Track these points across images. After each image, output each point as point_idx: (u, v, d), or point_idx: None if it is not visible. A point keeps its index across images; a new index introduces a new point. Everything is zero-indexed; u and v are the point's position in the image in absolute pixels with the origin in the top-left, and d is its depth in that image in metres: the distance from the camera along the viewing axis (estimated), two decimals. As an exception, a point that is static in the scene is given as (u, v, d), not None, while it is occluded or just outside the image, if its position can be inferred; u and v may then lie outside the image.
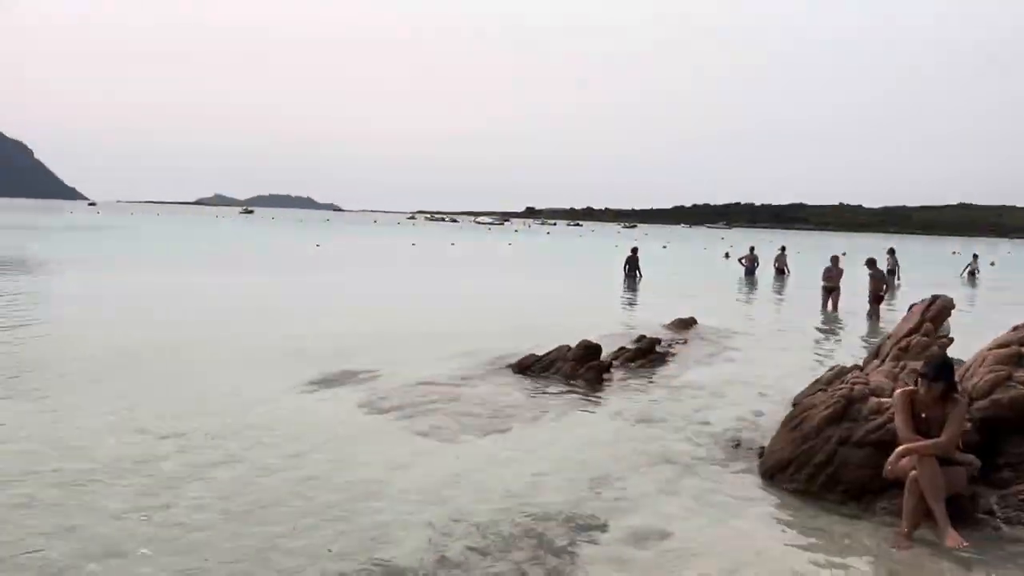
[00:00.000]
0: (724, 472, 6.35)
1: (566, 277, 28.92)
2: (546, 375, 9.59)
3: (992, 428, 5.97)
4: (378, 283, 23.18)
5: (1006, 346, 6.32)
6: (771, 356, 11.98)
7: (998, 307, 22.35)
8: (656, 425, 7.71)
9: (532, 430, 7.43)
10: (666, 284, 25.49)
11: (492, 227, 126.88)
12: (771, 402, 8.73)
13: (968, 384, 6.25)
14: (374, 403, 8.15)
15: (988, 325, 13.98)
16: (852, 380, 6.67)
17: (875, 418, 5.82)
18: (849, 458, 5.70)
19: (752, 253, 29.83)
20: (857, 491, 5.59)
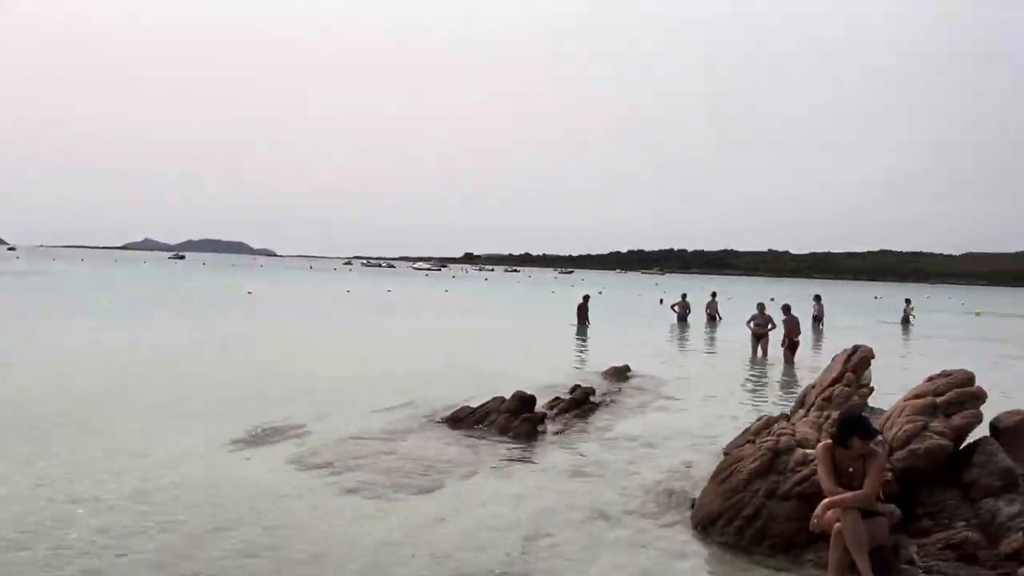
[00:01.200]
0: (656, 526, 6.35)
1: (503, 325, 28.93)
2: (480, 428, 9.51)
3: (910, 478, 6.15)
4: (309, 331, 22.76)
5: (922, 396, 6.55)
6: (702, 404, 12.15)
7: (931, 351, 23.26)
8: (589, 479, 7.69)
9: (465, 487, 7.32)
10: (601, 331, 25.73)
11: (430, 272, 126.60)
12: (702, 452, 8.83)
13: (888, 435, 6.44)
14: (303, 459, 7.93)
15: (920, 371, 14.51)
16: (778, 431, 6.81)
17: (800, 470, 5.93)
18: (776, 511, 5.78)
19: (684, 300, 30.43)
20: (785, 544, 5.66)
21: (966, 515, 5.84)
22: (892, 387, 10.48)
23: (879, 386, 8.73)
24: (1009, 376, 17.66)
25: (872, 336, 28.25)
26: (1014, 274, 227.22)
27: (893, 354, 21.50)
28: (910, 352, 23.37)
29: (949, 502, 5.97)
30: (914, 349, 24.73)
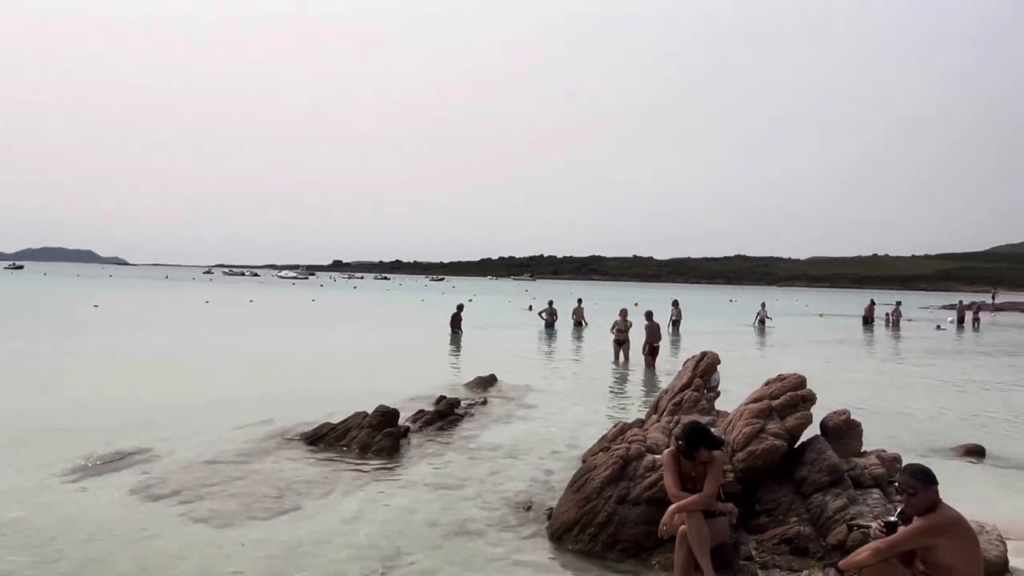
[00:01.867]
0: (516, 538, 6.43)
1: (370, 336, 28.48)
2: (341, 445, 9.31)
3: (749, 478, 6.54)
4: (160, 347, 21.55)
5: (759, 400, 6.97)
6: (566, 411, 12.41)
7: (782, 352, 24.77)
8: (451, 492, 7.69)
9: (322, 508, 7.14)
10: (471, 339, 25.84)
11: (296, 281, 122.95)
12: (563, 460, 9.02)
13: (729, 437, 6.82)
14: (148, 489, 7.49)
15: (773, 372, 15.37)
16: (630, 438, 7.06)
17: (649, 475, 6.18)
18: (627, 516, 5.99)
19: (551, 307, 31.07)
20: (635, 548, 5.88)
21: (799, 510, 6.27)
22: (748, 388, 11.10)
23: (738, 388, 9.21)
24: (845, 375, 19.10)
25: (730, 339, 29.87)
26: (852, 276, 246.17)
27: (751, 356, 22.80)
28: (764, 354, 24.83)
29: (784, 499, 6.39)
30: (768, 350, 26.30)
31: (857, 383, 17.21)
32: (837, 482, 6.36)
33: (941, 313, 58.20)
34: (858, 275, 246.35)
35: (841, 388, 15.74)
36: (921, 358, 25.10)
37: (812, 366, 20.20)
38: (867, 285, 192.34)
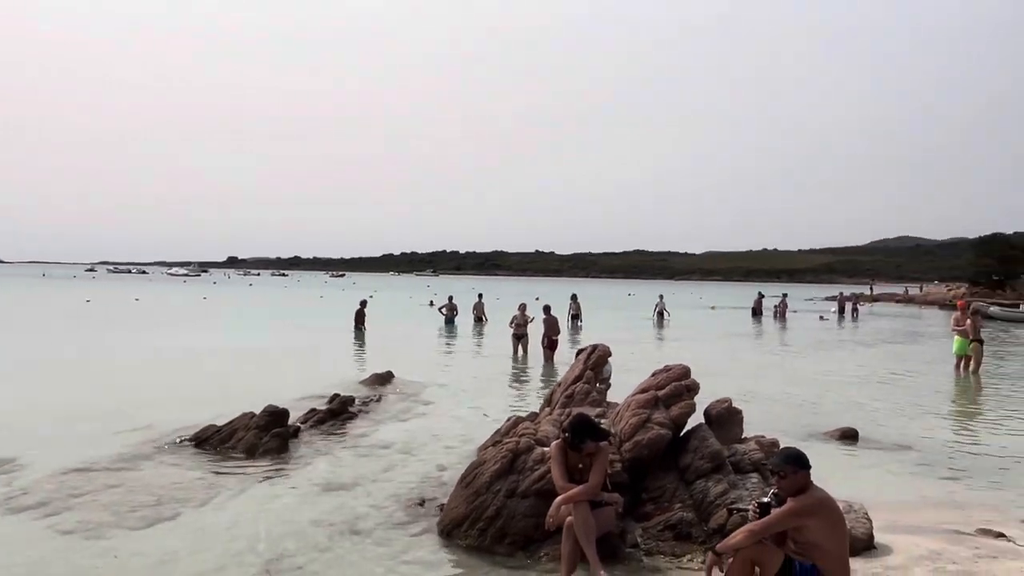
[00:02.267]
0: (405, 536, 6.34)
1: (263, 333, 27.65)
2: (226, 448, 8.96)
3: (637, 467, 6.67)
4: (32, 349, 20.26)
5: (646, 391, 7.12)
6: (462, 407, 12.39)
7: (679, 344, 25.47)
8: (341, 492, 7.53)
9: (204, 513, 6.86)
10: (371, 335, 25.46)
11: (188, 278, 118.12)
12: (458, 455, 8.98)
13: (617, 428, 6.93)
14: (10, 501, 7.01)
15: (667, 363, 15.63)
16: (521, 432, 7.08)
17: (538, 468, 6.20)
18: (516, 509, 6.00)
19: (451, 302, 30.98)
20: (524, 541, 5.89)
21: (683, 497, 6.44)
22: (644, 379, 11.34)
23: (636, 379, 9.36)
24: (733, 364, 19.84)
25: (629, 331, 30.58)
26: (744, 270, 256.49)
27: (648, 347, 23.36)
28: (660, 345, 25.51)
29: (669, 486, 6.55)
30: (664, 342, 27.05)
31: (744, 372, 17.91)
32: (719, 468, 6.56)
33: (824, 304, 61.35)
34: (749, 269, 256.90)
35: (729, 377, 16.32)
36: (804, 347, 26.39)
37: (703, 356, 20.89)
38: (758, 278, 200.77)
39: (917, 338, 31.28)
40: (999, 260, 70.53)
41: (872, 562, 5.51)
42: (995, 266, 70.16)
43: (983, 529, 6.49)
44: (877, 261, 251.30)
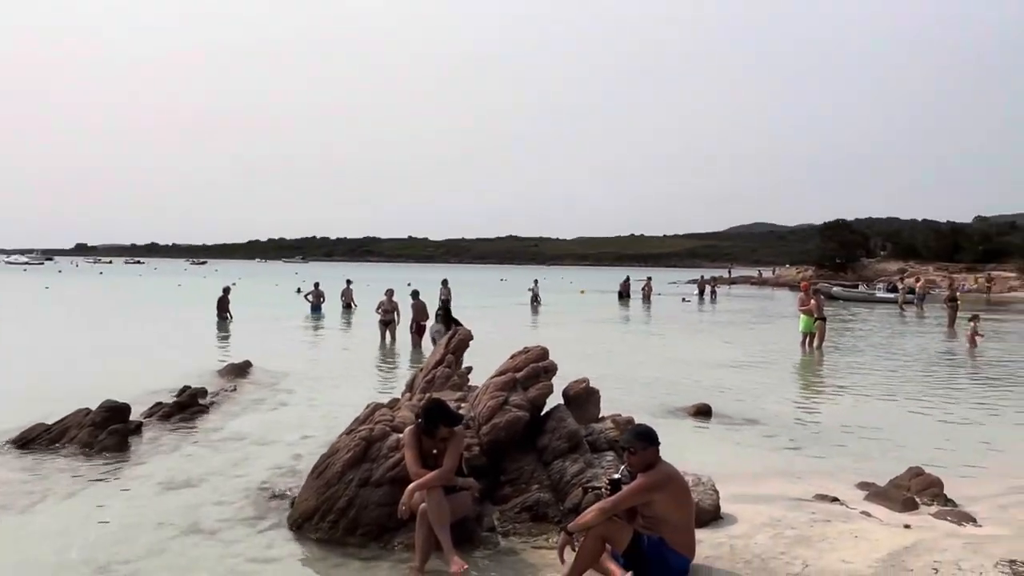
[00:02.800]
0: (252, 533, 6.01)
1: (111, 324, 25.89)
2: (57, 447, 8.24)
3: (495, 450, 6.62)
4: None
5: (504, 373, 7.07)
6: (324, 395, 12.01)
7: (546, 326, 25.75)
8: (185, 490, 7.07)
9: (26, 521, 6.25)
10: (232, 324, 24.32)
11: (29, 266, 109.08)
12: (317, 445, 8.63)
13: (476, 411, 6.85)
14: None
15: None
16: (377, 419, 6.87)
17: (392, 455, 6.02)
18: (369, 499, 5.80)
19: (317, 289, 30.08)
20: (377, 531, 5.71)
21: (540, 478, 6.44)
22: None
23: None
24: (599, 346, 20.30)
25: (501, 315, 30.75)
26: (614, 255, 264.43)
27: (517, 331, 23.50)
28: (529, 329, 25.77)
29: (527, 467, 6.53)
30: (533, 326, 27.35)
31: (608, 353, 18.37)
32: (575, 448, 6.61)
33: (686, 287, 64.06)
34: (618, 254, 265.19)
35: (593, 358, 16.68)
36: (666, 329, 27.43)
37: (570, 338, 21.29)
38: (626, 263, 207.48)
39: (768, 317, 33.19)
40: (841, 244, 76.11)
41: (718, 532, 5.69)
42: (838, 250, 75.64)
43: (820, 495, 6.87)
44: (736, 246, 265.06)
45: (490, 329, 23.52)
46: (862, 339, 23.63)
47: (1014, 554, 4.99)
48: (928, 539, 5.40)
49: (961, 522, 5.98)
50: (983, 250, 72.54)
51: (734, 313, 36.29)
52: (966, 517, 6.06)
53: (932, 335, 25.03)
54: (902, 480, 7.04)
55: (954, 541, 5.34)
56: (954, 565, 4.83)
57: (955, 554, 5.04)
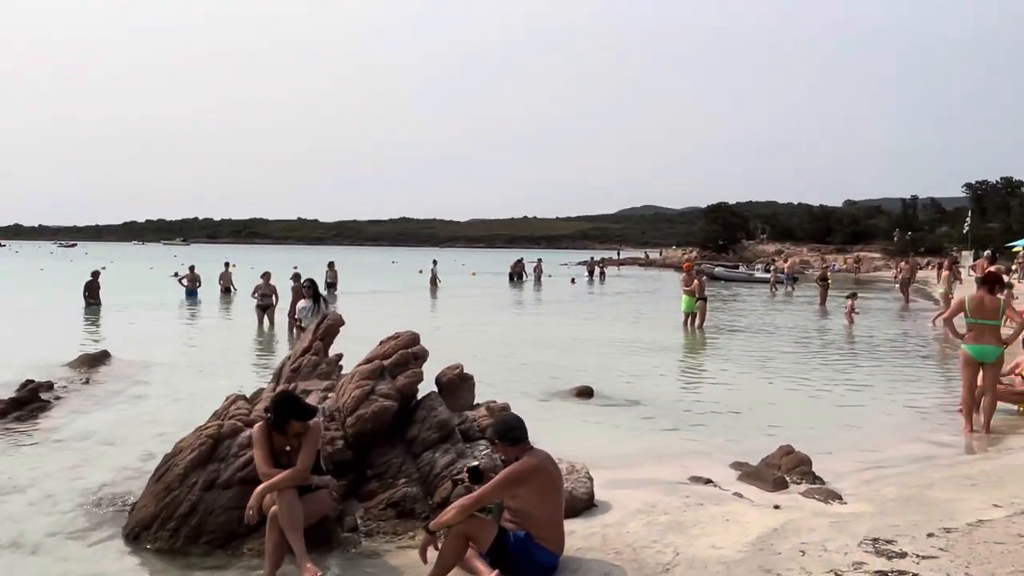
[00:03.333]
0: (81, 546, 5.38)
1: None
2: None
3: (361, 443, 6.20)
4: None
5: (371, 360, 6.66)
6: (187, 387, 11.20)
7: (435, 310, 25.25)
8: (8, 498, 6.31)
9: None
10: (100, 311, 22.66)
11: None
12: (171, 443, 7.94)
13: (340, 402, 6.41)
14: None
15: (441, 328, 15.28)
16: (232, 413, 6.33)
17: (244, 453, 5.52)
18: (215, 503, 5.28)
19: (193, 272, 28.49)
20: (224, 538, 5.21)
21: (409, 471, 6.08)
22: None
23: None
24: (486, 329, 20.05)
25: (387, 298, 30.08)
26: (506, 237, 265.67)
27: (403, 315, 22.95)
28: (415, 312, 25.23)
29: (395, 460, 6.16)
30: (420, 309, 26.83)
31: (495, 336, 18.17)
32: (447, 437, 6.28)
33: (577, 269, 64.89)
34: (512, 236, 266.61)
35: (479, 341, 16.43)
36: (554, 310, 27.54)
37: (457, 321, 20.99)
38: (520, 245, 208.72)
39: (654, 298, 33.92)
40: (724, 226, 78.98)
41: (591, 521, 5.50)
42: (721, 232, 78.47)
43: (695, 477, 6.81)
44: (626, 228, 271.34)
45: (382, 314, 22.97)
46: (742, 318, 24.41)
47: (877, 531, 5.01)
48: (796, 519, 5.38)
49: (828, 500, 6.03)
50: (852, 232, 76.96)
51: (622, 294, 36.91)
52: (833, 495, 6.12)
53: (806, 313, 26.14)
54: (773, 459, 7.09)
55: (821, 521, 5.33)
56: (820, 546, 4.79)
57: (822, 534, 5.02)
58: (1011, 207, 72.54)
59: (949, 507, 5.61)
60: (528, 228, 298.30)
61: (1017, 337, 8.74)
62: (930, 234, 70.57)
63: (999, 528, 5.01)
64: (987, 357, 8.51)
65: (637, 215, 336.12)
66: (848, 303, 21.88)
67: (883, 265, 63.10)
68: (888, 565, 4.44)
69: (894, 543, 4.79)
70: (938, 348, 16.64)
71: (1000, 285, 8.77)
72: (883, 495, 6.14)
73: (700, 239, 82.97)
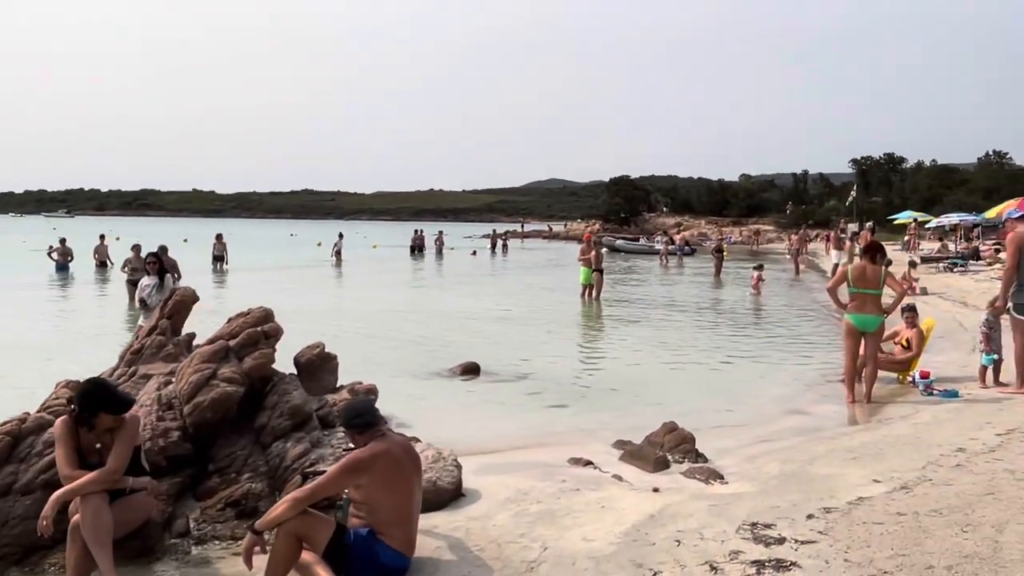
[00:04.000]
0: None
1: None
2: None
3: (201, 434, 5.51)
4: None
5: (215, 341, 5.94)
6: (30, 371, 10.07)
7: (320, 285, 24.18)
8: None
9: None
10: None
11: None
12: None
13: (176, 388, 5.68)
14: None
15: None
16: (47, 404, 5.51)
17: (50, 453, 4.74)
18: (10, 512, 4.50)
19: (64, 246, 26.44)
20: (21, 552, 4.44)
21: (256, 464, 5.44)
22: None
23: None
24: (375, 304, 19.31)
25: (281, 271, 28.79)
26: (412, 209, 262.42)
27: (286, 290, 21.88)
28: (299, 289, 24.13)
29: (241, 453, 5.51)
30: (312, 283, 25.71)
31: (385, 309, 17.47)
32: (301, 425, 5.66)
33: (482, 241, 64.41)
34: (417, 208, 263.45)
35: (367, 316, 15.73)
36: (452, 283, 26.98)
37: (350, 296, 20.16)
38: (425, 217, 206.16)
39: (554, 270, 33.78)
40: (626, 199, 79.92)
41: (455, 514, 5.02)
42: (623, 205, 79.39)
43: (574, 458, 6.43)
44: (532, 201, 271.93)
45: (268, 289, 21.87)
46: (639, 289, 24.49)
47: (756, 515, 4.72)
48: (674, 504, 5.04)
49: (709, 480, 5.73)
50: (747, 205, 79.26)
51: (523, 267, 36.67)
52: (714, 474, 5.83)
53: (701, 285, 26.50)
54: (657, 436, 6.77)
55: (700, 504, 5.01)
56: (697, 534, 4.45)
57: (700, 520, 4.69)
58: (892, 182, 76.31)
59: (830, 483, 5.40)
60: (435, 201, 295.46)
61: (896, 306, 8.75)
62: (819, 207, 73.37)
63: (879, 506, 4.79)
64: (868, 326, 8.47)
65: (544, 188, 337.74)
66: (754, 274, 22.27)
67: (776, 237, 65.23)
68: (766, 553, 4.13)
69: (773, 527, 4.50)
70: (825, 318, 16.98)
71: (882, 254, 8.73)
72: (765, 472, 5.90)
73: (603, 212, 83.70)
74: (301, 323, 14.42)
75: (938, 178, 70.69)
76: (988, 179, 64.65)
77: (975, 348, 12.23)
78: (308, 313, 16.80)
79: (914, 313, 9.56)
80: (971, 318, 15.25)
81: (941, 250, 32.21)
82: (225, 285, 23.60)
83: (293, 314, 16.77)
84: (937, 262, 27.27)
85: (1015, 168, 69.17)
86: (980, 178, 67.15)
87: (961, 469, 5.59)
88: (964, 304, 17.38)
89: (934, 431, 6.93)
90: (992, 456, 5.90)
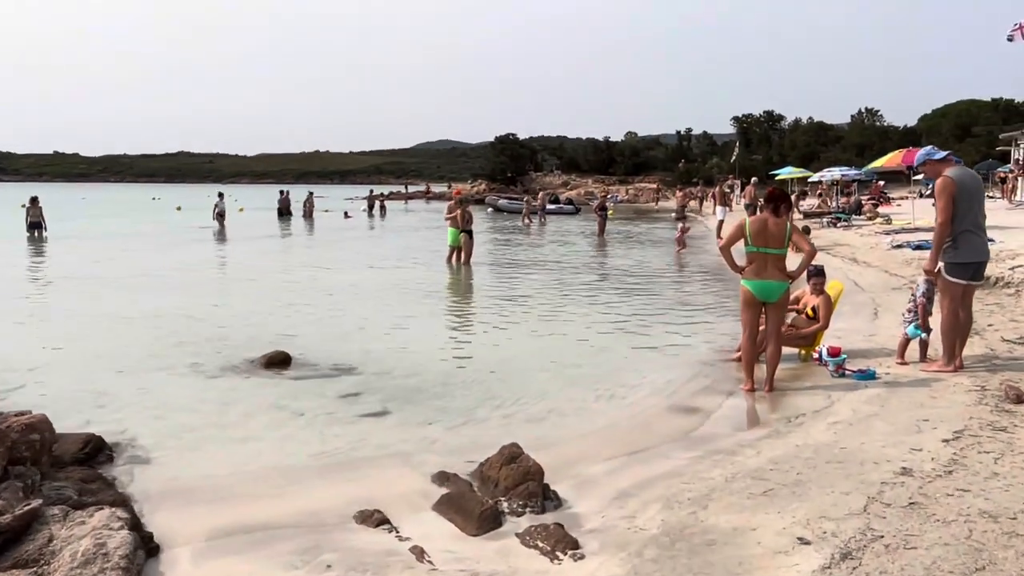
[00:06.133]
0: None
1: None
2: None
3: None
4: None
5: None
6: None
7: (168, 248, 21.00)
8: None
9: None
10: None
11: None
12: None
13: None
14: None
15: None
16: None
17: None
18: None
19: None
20: None
21: None
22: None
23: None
24: (196, 272, 16.62)
25: (123, 238, 25.34)
26: (296, 172, 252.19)
27: (140, 257, 18.74)
28: (161, 255, 20.92)
29: None
30: (169, 253, 22.44)
31: (211, 285, 14.82)
32: None
33: (359, 203, 61.09)
34: (301, 171, 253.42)
35: (185, 296, 13.08)
36: (311, 249, 24.32)
37: (178, 266, 17.31)
38: (310, 180, 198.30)
39: (430, 234, 31.41)
40: (511, 158, 77.93)
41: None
42: (509, 164, 77.37)
43: (364, 512, 4.29)
44: (421, 162, 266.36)
45: (90, 259, 18.74)
46: (515, 251, 22.56)
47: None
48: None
49: (556, 550, 3.72)
50: (633, 164, 78.81)
51: (396, 229, 34.15)
52: (564, 540, 3.81)
53: (582, 245, 24.85)
54: (492, 468, 4.71)
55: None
56: None
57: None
58: (772, 139, 77.49)
59: (737, 553, 3.50)
60: (320, 163, 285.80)
61: (803, 270, 7.01)
62: (703, 165, 73.61)
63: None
64: (771, 295, 6.71)
65: (433, 149, 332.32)
66: (679, 225, 22.11)
67: (660, 195, 64.81)
68: None
69: None
70: (716, 280, 15.48)
71: (787, 205, 6.93)
72: (641, 529, 3.93)
73: (488, 171, 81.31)
74: (79, 300, 11.76)
75: (815, 135, 72.08)
76: (860, 136, 66.41)
77: (876, 312, 10.92)
78: (108, 283, 14.00)
79: (822, 277, 7.88)
80: (866, 276, 14.06)
81: (821, 205, 31.82)
82: (45, 255, 20.20)
83: (80, 283, 13.82)
84: (820, 217, 26.61)
85: (885, 125, 71.48)
86: (853, 134, 68.89)
87: (918, 512, 3.80)
88: (855, 260, 16.31)
89: (860, 436, 5.19)
90: (953, 484, 4.16)
